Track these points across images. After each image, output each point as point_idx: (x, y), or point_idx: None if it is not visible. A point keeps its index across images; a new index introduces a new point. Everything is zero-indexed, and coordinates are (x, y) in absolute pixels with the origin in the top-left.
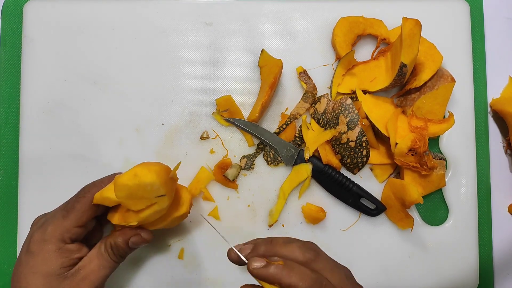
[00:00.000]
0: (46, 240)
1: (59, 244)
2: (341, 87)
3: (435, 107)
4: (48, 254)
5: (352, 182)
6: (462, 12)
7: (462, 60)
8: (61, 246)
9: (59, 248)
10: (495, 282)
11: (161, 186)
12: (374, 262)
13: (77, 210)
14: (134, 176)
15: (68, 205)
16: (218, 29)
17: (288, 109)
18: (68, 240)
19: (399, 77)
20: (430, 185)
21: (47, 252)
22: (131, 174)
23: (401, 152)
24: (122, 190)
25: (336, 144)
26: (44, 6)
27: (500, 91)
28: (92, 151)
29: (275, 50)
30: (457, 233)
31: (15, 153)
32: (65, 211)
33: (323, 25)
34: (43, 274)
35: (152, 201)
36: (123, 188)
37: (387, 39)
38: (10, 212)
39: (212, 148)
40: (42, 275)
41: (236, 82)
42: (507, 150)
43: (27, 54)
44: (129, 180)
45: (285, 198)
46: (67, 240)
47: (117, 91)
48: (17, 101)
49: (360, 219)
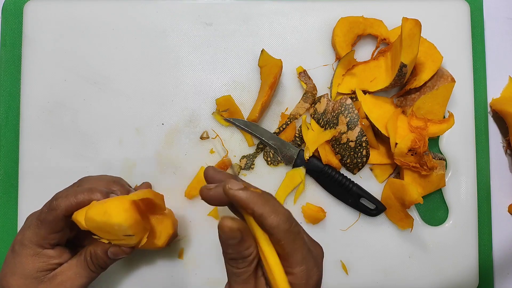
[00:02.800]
0: (24, 244)
1: (36, 249)
2: (341, 87)
3: (435, 107)
4: (25, 258)
5: (352, 182)
6: (462, 12)
7: (462, 60)
8: (38, 251)
9: (36, 253)
10: (495, 282)
11: (129, 228)
12: (374, 262)
13: (50, 222)
14: (103, 213)
15: (41, 215)
16: (218, 29)
17: (288, 109)
18: (46, 245)
19: (399, 77)
20: (430, 185)
21: (25, 256)
22: (101, 210)
23: (401, 152)
24: (91, 222)
25: (336, 144)
26: (44, 6)
27: (500, 91)
28: (92, 151)
29: (275, 50)
30: (457, 233)
31: (15, 153)
32: (39, 220)
33: (323, 25)
34: (21, 275)
35: (120, 238)
36: (91, 221)
37: (387, 39)
38: (10, 212)
39: (212, 148)
40: (20, 276)
41: (236, 82)
42: (507, 150)
43: (27, 54)
44: (97, 216)
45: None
46: (46, 245)
47: (117, 91)
48: (17, 101)
49: (360, 219)
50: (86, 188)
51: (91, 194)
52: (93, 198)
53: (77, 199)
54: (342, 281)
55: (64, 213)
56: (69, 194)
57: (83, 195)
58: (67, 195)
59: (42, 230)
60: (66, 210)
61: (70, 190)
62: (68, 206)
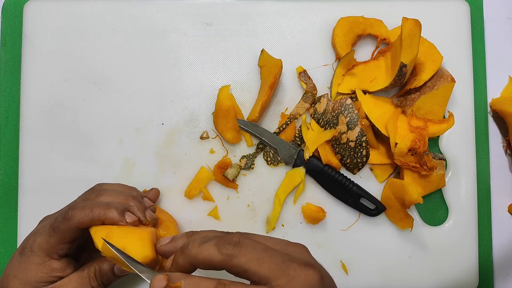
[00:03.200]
0: (33, 251)
1: (43, 258)
2: (341, 87)
3: (435, 107)
4: (30, 265)
5: (352, 182)
6: (462, 12)
7: (462, 60)
8: (44, 261)
9: (42, 262)
10: (495, 282)
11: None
12: (374, 262)
13: (62, 231)
14: (122, 248)
15: (55, 223)
16: (218, 29)
17: (288, 109)
18: (54, 255)
19: (399, 77)
20: (430, 185)
21: (30, 262)
22: (120, 245)
23: (401, 152)
24: (107, 252)
25: (336, 144)
26: (44, 6)
27: (500, 91)
28: (92, 151)
29: (275, 50)
30: (457, 233)
31: (15, 153)
32: (52, 228)
33: (323, 25)
34: (21, 281)
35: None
36: (109, 251)
37: (387, 39)
38: (10, 212)
39: (212, 148)
40: (20, 281)
41: (236, 82)
42: (507, 150)
43: (27, 54)
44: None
45: (280, 205)
46: (54, 255)
47: (117, 91)
48: (17, 101)
49: (360, 219)
50: (103, 203)
51: (107, 211)
52: (108, 215)
53: (92, 214)
54: (342, 281)
55: (77, 225)
56: (86, 206)
57: (100, 210)
58: (83, 207)
59: (53, 238)
60: (80, 223)
61: (87, 203)
62: (82, 218)
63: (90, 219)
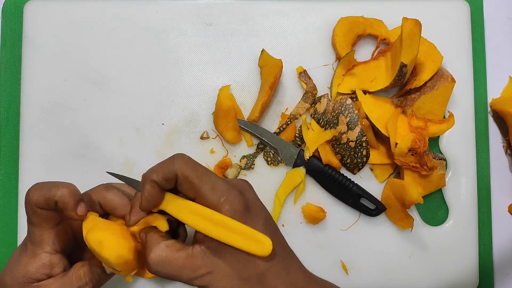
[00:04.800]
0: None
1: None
2: (341, 87)
3: (435, 107)
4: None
5: (352, 182)
6: (462, 12)
7: (462, 60)
8: (37, 253)
9: (35, 255)
10: (495, 282)
11: (116, 265)
12: (374, 262)
13: (30, 214)
14: (98, 243)
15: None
16: (218, 29)
17: (288, 109)
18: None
19: (399, 77)
20: (430, 185)
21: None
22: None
23: (401, 152)
24: (88, 244)
25: (336, 144)
26: (44, 6)
27: (500, 91)
28: (92, 151)
29: (275, 50)
30: (457, 233)
31: (15, 153)
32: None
33: (323, 25)
34: (12, 276)
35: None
36: (88, 243)
37: (387, 39)
38: (10, 212)
39: (212, 148)
40: (12, 277)
41: (236, 82)
42: (507, 150)
43: (27, 54)
44: (92, 242)
45: (281, 205)
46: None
47: (117, 91)
48: (17, 101)
49: (360, 219)
50: (65, 184)
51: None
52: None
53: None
54: (342, 281)
55: (35, 203)
56: (44, 186)
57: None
58: (41, 187)
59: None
60: (37, 202)
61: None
62: (38, 198)
63: (45, 198)
